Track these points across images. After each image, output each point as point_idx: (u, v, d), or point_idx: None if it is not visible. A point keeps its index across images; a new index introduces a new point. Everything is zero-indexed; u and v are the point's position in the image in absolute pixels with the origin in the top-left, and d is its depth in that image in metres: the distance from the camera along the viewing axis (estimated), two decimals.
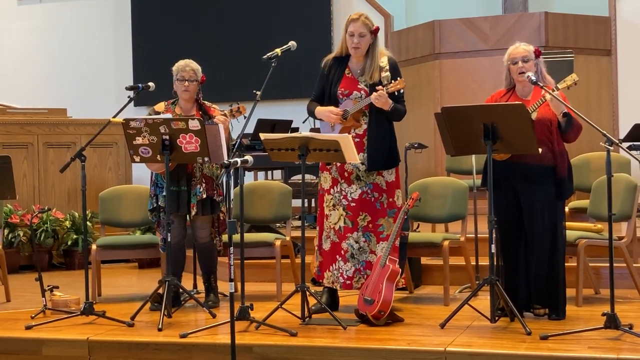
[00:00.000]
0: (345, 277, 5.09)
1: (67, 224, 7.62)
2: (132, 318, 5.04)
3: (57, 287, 5.58)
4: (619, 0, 9.32)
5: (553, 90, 4.61)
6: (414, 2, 11.05)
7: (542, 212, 4.73)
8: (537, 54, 4.82)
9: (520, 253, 4.83)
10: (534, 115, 4.67)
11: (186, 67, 5.46)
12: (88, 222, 6.82)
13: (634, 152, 5.79)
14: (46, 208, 6.44)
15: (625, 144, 7.62)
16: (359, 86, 5.09)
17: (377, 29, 5.10)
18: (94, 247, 5.97)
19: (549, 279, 4.75)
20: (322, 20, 10.05)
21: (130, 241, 6.34)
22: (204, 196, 5.40)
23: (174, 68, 5.50)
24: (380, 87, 4.94)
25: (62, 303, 5.45)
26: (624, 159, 6.32)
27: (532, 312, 4.86)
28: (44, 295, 5.37)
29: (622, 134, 8.54)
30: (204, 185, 5.40)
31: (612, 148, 4.33)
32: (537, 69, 4.80)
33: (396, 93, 4.95)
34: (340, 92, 5.12)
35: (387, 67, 5.08)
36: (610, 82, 9.26)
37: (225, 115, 5.38)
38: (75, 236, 7.57)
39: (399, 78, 4.95)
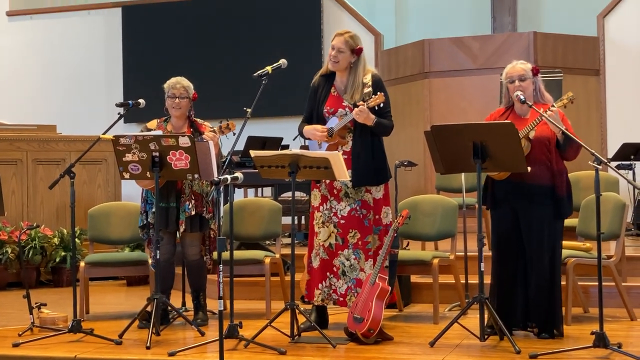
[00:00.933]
0: (339, 294, 5.08)
1: (56, 240, 7.59)
2: (120, 336, 5.01)
3: (44, 305, 5.54)
4: (607, 21, 9.40)
5: (546, 111, 4.63)
6: (404, 21, 11.12)
7: (541, 232, 4.73)
8: (535, 72, 4.84)
9: (517, 271, 4.82)
10: (532, 134, 4.69)
11: (177, 84, 5.46)
12: (77, 239, 6.79)
13: (622, 171, 5.84)
14: (35, 225, 6.40)
15: (614, 163, 7.72)
16: (343, 104, 5.11)
17: (360, 50, 5.11)
18: (82, 264, 5.94)
19: (549, 298, 4.74)
20: (312, 38, 10.11)
21: (118, 258, 6.32)
22: (193, 213, 5.39)
23: (166, 85, 5.51)
24: (360, 102, 4.96)
25: (49, 320, 5.41)
26: (613, 178, 6.35)
27: (529, 331, 4.84)
28: (31, 313, 5.33)
29: (611, 153, 8.61)
30: (193, 202, 5.39)
31: (600, 167, 4.35)
32: (535, 87, 4.82)
33: (376, 107, 4.96)
34: (326, 110, 5.14)
35: (370, 84, 5.10)
36: (599, 102, 9.33)
37: (214, 131, 5.38)
38: (63, 253, 7.54)
39: (378, 92, 4.97)
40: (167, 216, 5.39)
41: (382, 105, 4.96)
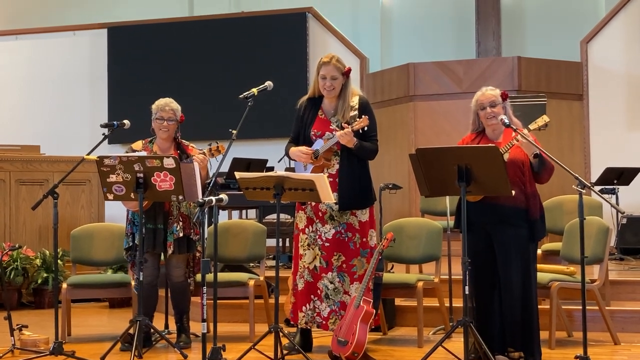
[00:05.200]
0: (322, 317, 5.06)
1: (38, 262, 7.53)
2: (102, 358, 4.97)
3: (26, 326, 5.50)
4: (590, 46, 9.50)
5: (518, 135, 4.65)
6: (389, 44, 11.19)
7: (515, 254, 4.73)
8: (504, 97, 4.87)
9: (494, 295, 4.81)
10: (505, 157, 4.70)
11: (166, 106, 5.45)
12: (59, 261, 6.74)
13: (605, 196, 5.88)
14: (17, 246, 6.34)
15: (597, 188, 7.75)
16: (331, 127, 5.12)
17: (349, 70, 5.14)
18: (64, 285, 5.90)
19: (523, 322, 4.73)
20: (298, 60, 10.13)
21: (101, 280, 6.27)
22: (181, 235, 5.37)
23: (154, 106, 5.50)
24: (345, 124, 4.98)
25: (30, 343, 5.36)
26: (596, 202, 6.38)
27: (506, 356, 4.82)
28: (12, 335, 5.28)
29: (594, 177, 8.66)
30: (180, 223, 5.38)
31: (584, 191, 4.37)
32: (505, 111, 4.85)
33: (361, 131, 4.97)
34: (313, 133, 5.15)
35: (357, 107, 5.11)
36: (582, 126, 9.40)
37: (204, 154, 5.37)
38: (45, 274, 7.47)
39: (363, 116, 4.98)
40: (154, 238, 5.37)
41: (366, 128, 4.97)
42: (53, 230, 5.14)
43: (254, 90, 5.25)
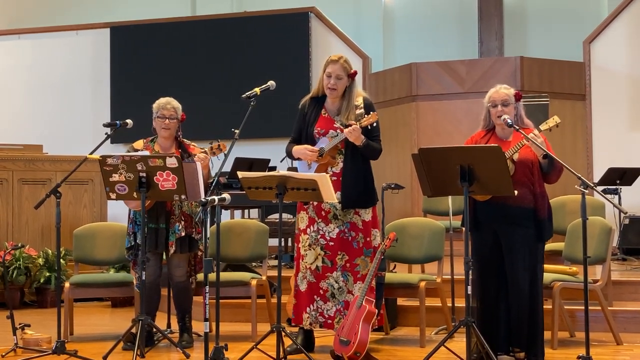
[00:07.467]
0: (327, 316, 5.06)
1: (40, 261, 7.54)
2: (105, 357, 4.97)
3: (28, 326, 5.50)
4: (593, 47, 9.50)
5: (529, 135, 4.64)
6: (392, 44, 11.20)
7: (522, 254, 4.71)
8: (518, 97, 4.84)
9: (500, 295, 4.80)
10: (515, 157, 4.69)
11: (167, 104, 5.46)
12: (61, 260, 6.73)
13: (608, 196, 5.87)
14: (19, 245, 6.35)
15: (600, 188, 7.75)
16: (335, 125, 5.12)
17: (355, 73, 5.13)
18: (66, 285, 5.90)
19: (529, 321, 4.72)
20: (300, 60, 10.14)
21: (103, 279, 6.28)
22: (183, 234, 5.37)
23: (155, 105, 5.50)
24: (352, 122, 4.97)
25: (33, 342, 5.36)
26: (599, 203, 6.38)
27: (511, 355, 4.82)
28: (15, 334, 5.29)
29: (597, 177, 8.65)
30: (182, 223, 5.38)
31: (587, 191, 4.36)
32: (516, 112, 4.83)
33: (369, 127, 4.96)
34: (316, 131, 5.15)
35: (362, 106, 5.11)
36: (585, 127, 9.40)
37: (205, 152, 5.37)
38: (48, 274, 7.48)
39: (371, 112, 4.98)
40: (156, 237, 5.37)
41: (374, 125, 4.97)
42: (56, 230, 5.14)
43: (257, 89, 5.25)
